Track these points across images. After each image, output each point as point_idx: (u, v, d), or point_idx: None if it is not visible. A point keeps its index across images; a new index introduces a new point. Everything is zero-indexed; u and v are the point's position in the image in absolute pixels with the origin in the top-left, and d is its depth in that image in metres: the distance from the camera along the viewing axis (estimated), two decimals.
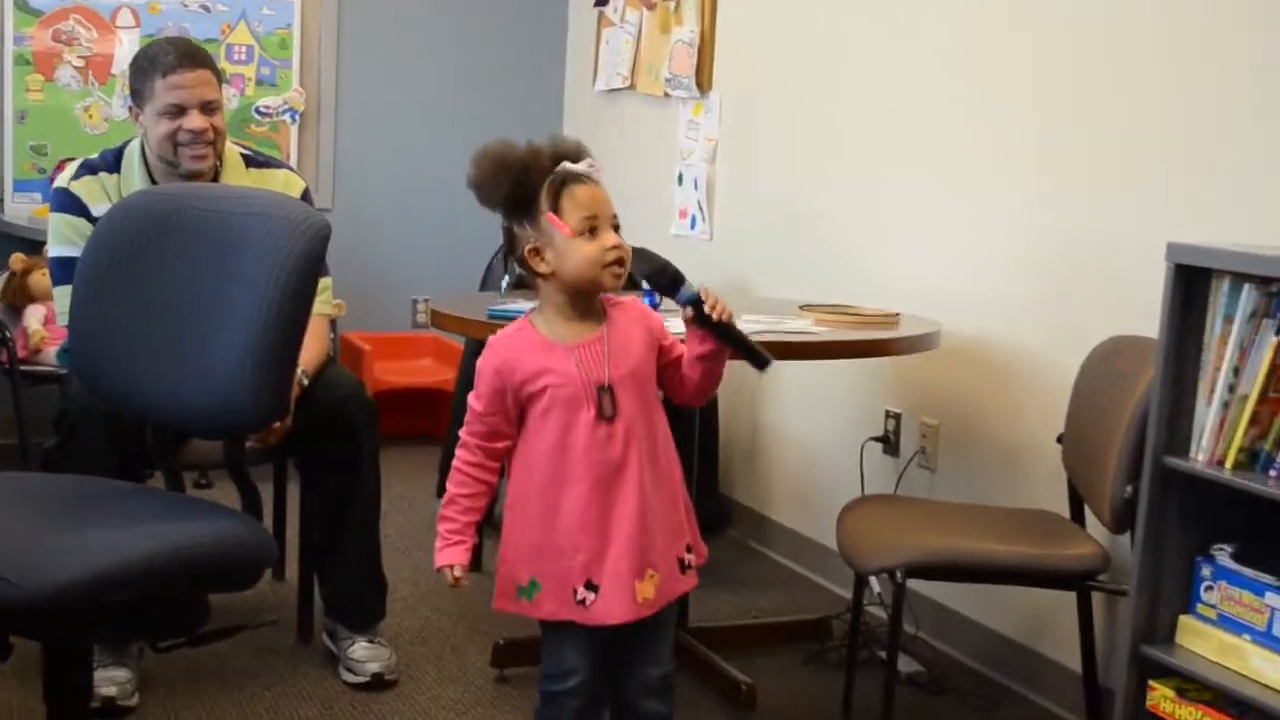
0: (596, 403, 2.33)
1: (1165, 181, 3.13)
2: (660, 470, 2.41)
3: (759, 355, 2.40)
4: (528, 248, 2.34)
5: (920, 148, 3.90)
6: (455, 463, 2.40)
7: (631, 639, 2.44)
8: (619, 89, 5.50)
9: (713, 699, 3.30)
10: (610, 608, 2.34)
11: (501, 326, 3.19)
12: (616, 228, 2.34)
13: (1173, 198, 3.11)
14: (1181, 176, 3.09)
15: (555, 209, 2.31)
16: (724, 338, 2.37)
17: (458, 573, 2.37)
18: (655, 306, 2.71)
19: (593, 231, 2.30)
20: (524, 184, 2.31)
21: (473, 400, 2.39)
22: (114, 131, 5.32)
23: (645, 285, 2.46)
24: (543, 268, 2.34)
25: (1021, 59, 3.54)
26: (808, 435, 4.42)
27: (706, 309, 2.33)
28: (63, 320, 3.12)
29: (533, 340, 2.37)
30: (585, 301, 2.37)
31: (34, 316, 4.61)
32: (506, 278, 2.60)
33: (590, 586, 2.34)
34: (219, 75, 3.33)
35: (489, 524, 4.35)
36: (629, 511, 2.34)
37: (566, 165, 2.33)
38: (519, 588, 2.39)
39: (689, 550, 2.47)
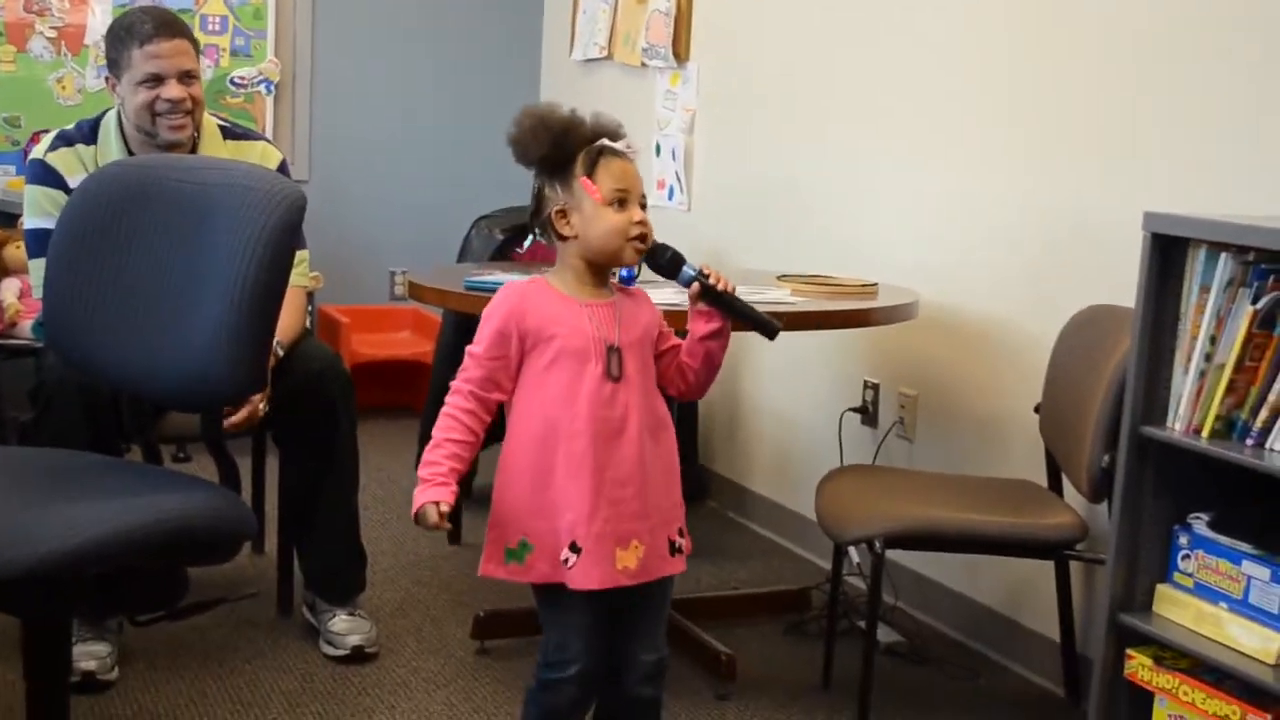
0: (605, 360, 2.34)
1: (1142, 151, 3.13)
2: (660, 448, 2.42)
3: (767, 323, 2.43)
4: (555, 209, 2.36)
5: (898, 118, 3.90)
6: (445, 409, 2.37)
7: (628, 624, 2.44)
8: (596, 59, 5.48)
9: (693, 670, 3.31)
10: (588, 571, 2.33)
11: (478, 298, 3.21)
12: (644, 206, 2.38)
13: (1150, 167, 3.11)
14: (1158, 146, 3.09)
15: (589, 175, 2.34)
16: (730, 310, 2.41)
17: (442, 508, 2.27)
18: (632, 280, 2.71)
19: (621, 204, 2.34)
20: (562, 146, 2.35)
21: (473, 346, 2.38)
22: (88, 102, 5.29)
23: (626, 269, 2.47)
24: (567, 230, 2.36)
25: (998, 30, 3.54)
26: (786, 406, 4.43)
27: (711, 282, 2.38)
28: (38, 293, 3.09)
29: (547, 292, 2.39)
30: (600, 273, 2.40)
31: (9, 289, 4.58)
32: (531, 236, 2.62)
33: (574, 548, 2.34)
34: (196, 45, 3.31)
35: (468, 496, 4.37)
36: (622, 475, 2.34)
37: (605, 141, 2.37)
38: (508, 550, 2.37)
39: (681, 534, 2.47)
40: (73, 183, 3.19)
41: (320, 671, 3.25)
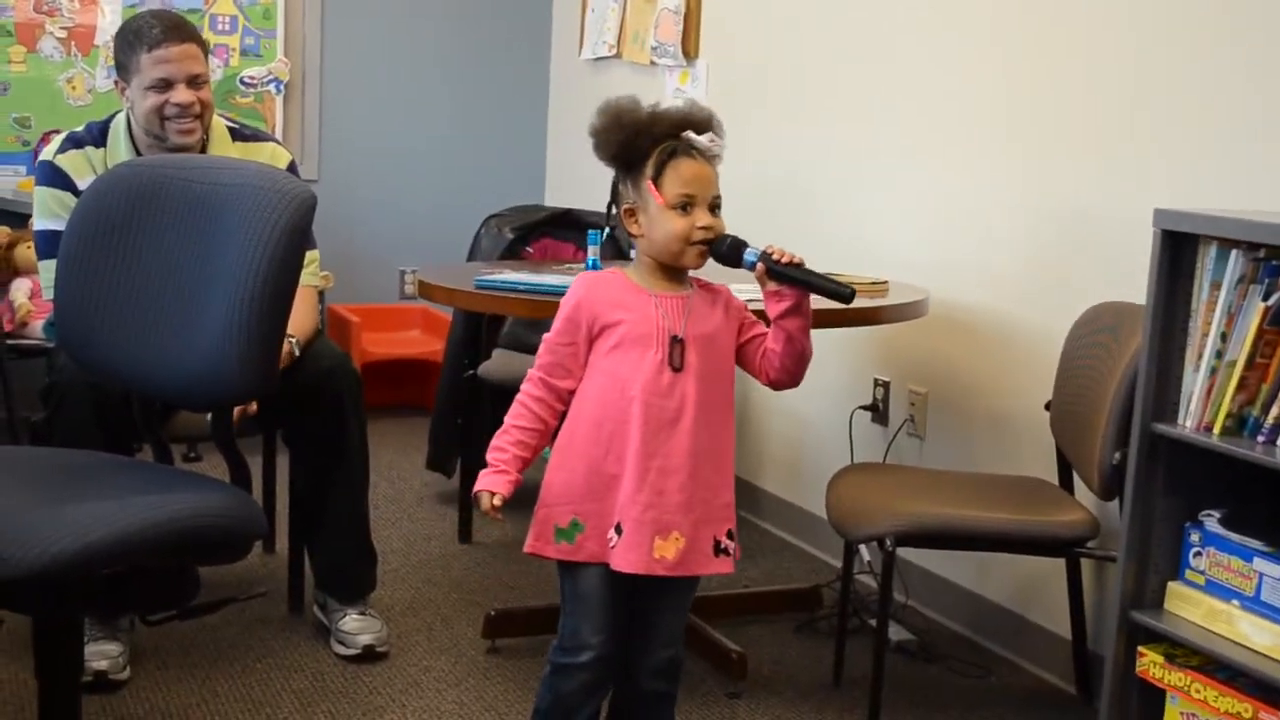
0: (667, 349, 2.35)
1: (1153, 148, 3.13)
2: (716, 444, 2.42)
3: (839, 288, 2.41)
4: (625, 206, 2.39)
5: (908, 115, 3.89)
6: (518, 396, 2.40)
7: (648, 618, 2.45)
8: (605, 57, 5.48)
9: (704, 668, 3.30)
10: (626, 554, 2.35)
11: (488, 297, 3.21)
12: (715, 208, 2.38)
13: (1160, 164, 3.11)
14: (1169, 142, 3.08)
15: (657, 177, 2.34)
16: (801, 283, 2.40)
17: (496, 501, 2.34)
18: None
19: (686, 208, 2.34)
20: (634, 145, 2.36)
21: (547, 334, 2.41)
22: (98, 103, 5.30)
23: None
24: (635, 229, 2.39)
25: (1008, 27, 3.53)
26: (797, 404, 4.43)
27: (775, 258, 2.37)
28: (48, 294, 3.11)
29: (621, 282, 2.41)
30: (672, 270, 2.41)
31: (20, 290, 4.60)
32: (607, 229, 2.63)
33: (618, 529, 2.36)
34: (205, 48, 3.31)
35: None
36: (670, 465, 2.36)
37: (687, 135, 2.37)
38: (558, 530, 2.39)
39: (730, 537, 2.46)
40: (81, 185, 3.20)
41: (331, 670, 3.25)
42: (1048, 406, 3.24)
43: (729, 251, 2.39)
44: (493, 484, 2.35)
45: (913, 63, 3.87)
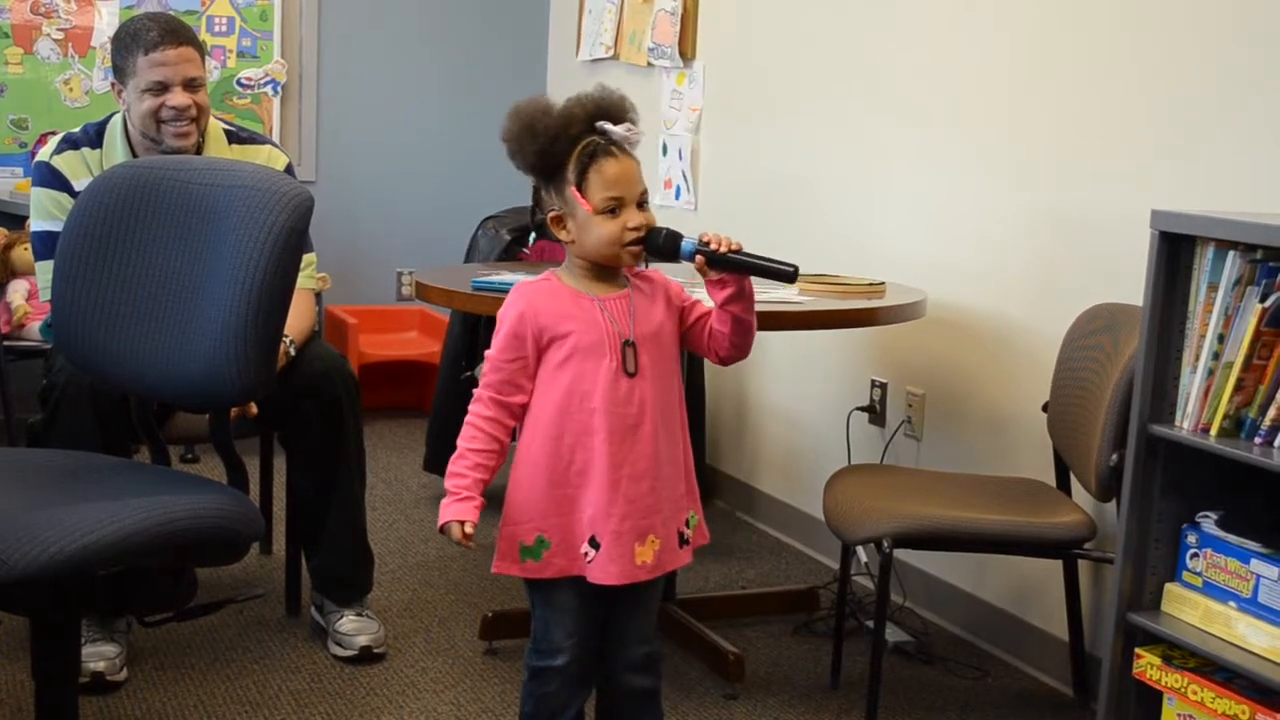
0: (620, 356, 2.32)
1: (1150, 149, 3.13)
2: (673, 439, 2.41)
3: (781, 268, 2.36)
4: (551, 214, 2.34)
5: (905, 116, 3.90)
6: (468, 417, 2.35)
7: (620, 617, 2.44)
8: (602, 58, 5.48)
9: (701, 669, 3.31)
10: (607, 567, 2.33)
11: (485, 298, 3.21)
12: (643, 203, 2.33)
13: (1157, 165, 3.11)
14: (1166, 144, 3.09)
15: (580, 182, 2.29)
16: (742, 268, 2.35)
17: (467, 529, 2.28)
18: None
19: (614, 210, 2.29)
20: (551, 152, 2.30)
21: (490, 351, 2.36)
22: (95, 104, 5.30)
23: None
24: (564, 236, 2.34)
25: (1006, 29, 3.54)
26: (794, 405, 4.43)
27: (713, 248, 2.32)
28: (46, 295, 3.10)
29: (558, 289, 2.36)
30: (608, 270, 2.37)
31: (17, 291, 4.59)
32: (533, 235, 2.58)
33: (593, 543, 2.34)
34: (202, 51, 3.31)
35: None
36: (640, 470, 2.34)
37: (604, 127, 2.31)
38: (523, 548, 2.36)
39: (689, 525, 2.46)
40: (77, 186, 3.20)
41: (328, 672, 3.25)
42: (1045, 408, 3.24)
43: (665, 245, 2.33)
44: (459, 513, 2.29)
45: (910, 64, 3.87)
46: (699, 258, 2.33)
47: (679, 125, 4.97)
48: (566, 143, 2.30)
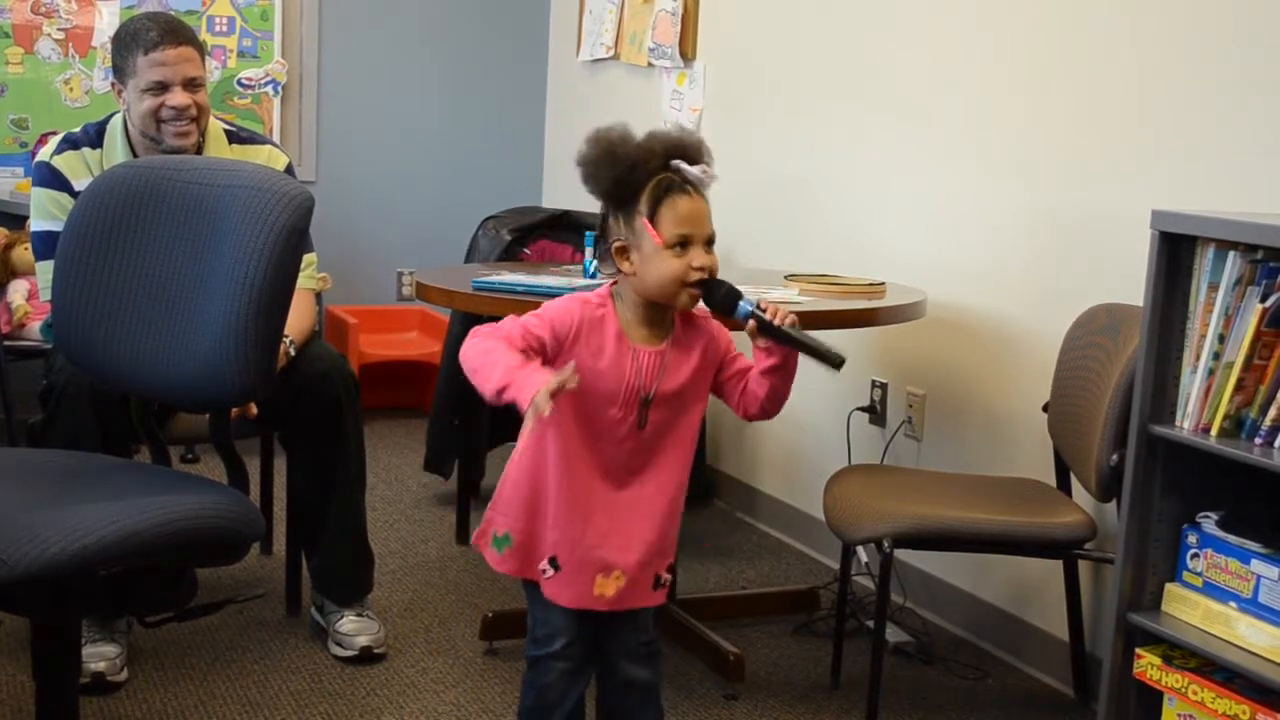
0: (635, 410, 2.32)
1: (1150, 149, 3.13)
2: (670, 493, 2.39)
3: (830, 355, 2.32)
4: (616, 244, 2.31)
5: (905, 117, 3.90)
6: (474, 341, 2.26)
7: (615, 612, 2.44)
8: (603, 59, 5.48)
9: (701, 669, 3.31)
10: (561, 590, 2.35)
11: (485, 298, 3.21)
12: (710, 243, 2.31)
13: (1157, 165, 3.11)
14: (1166, 144, 3.09)
15: (653, 215, 2.27)
16: (791, 343, 2.32)
17: (551, 390, 2.08)
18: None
19: (683, 246, 2.27)
20: (628, 181, 2.28)
21: (525, 318, 2.28)
22: (95, 104, 5.30)
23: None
24: (627, 267, 2.30)
25: (1006, 29, 3.54)
26: (794, 406, 4.38)
27: (768, 318, 2.30)
28: (46, 295, 3.10)
29: (609, 323, 2.32)
30: (659, 310, 2.34)
31: (18, 291, 4.59)
32: (594, 261, 2.53)
33: (553, 563, 2.36)
34: (202, 51, 3.31)
35: (475, 496, 4.36)
36: (622, 515, 2.35)
37: (679, 165, 2.29)
38: (494, 536, 2.41)
39: (670, 571, 2.45)
40: (78, 186, 3.20)
41: (328, 672, 3.25)
42: (1045, 408, 3.24)
43: (723, 301, 2.31)
44: (536, 380, 2.11)
45: (910, 65, 3.87)
46: (751, 323, 2.31)
47: (679, 126, 4.97)
48: (644, 174, 2.28)
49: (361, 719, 3.03)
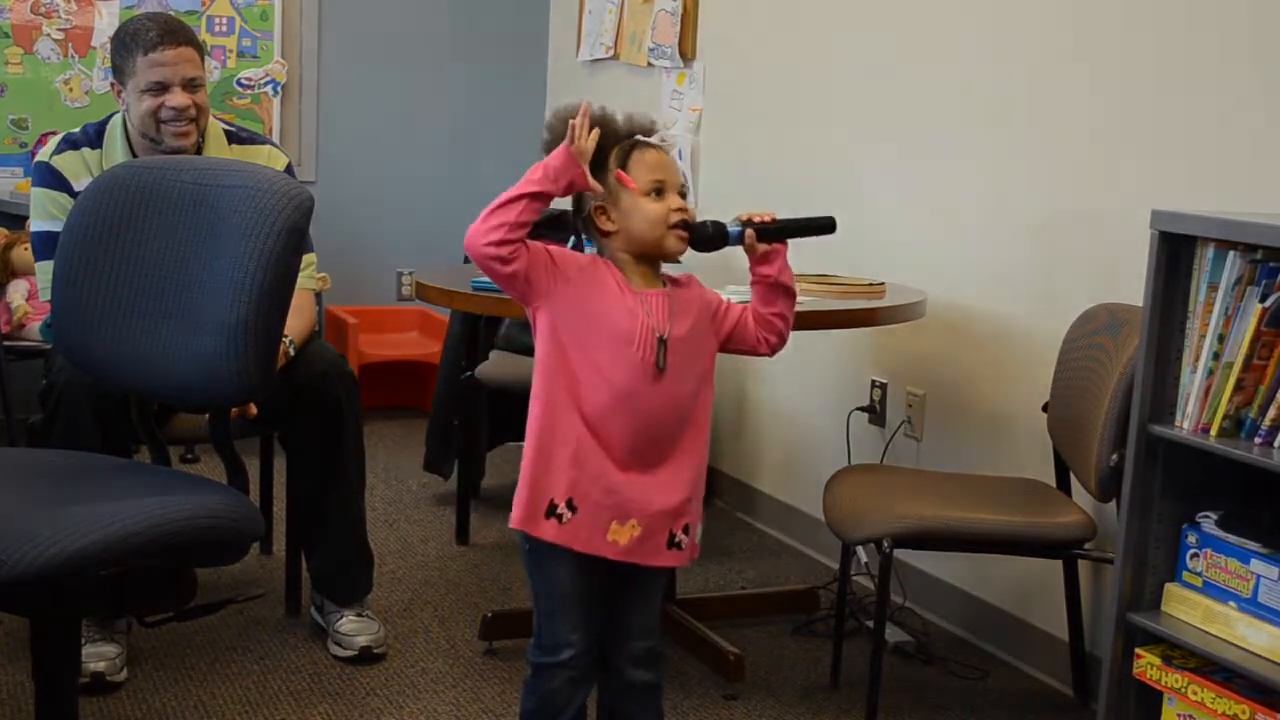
0: (654, 351, 2.34)
1: (1150, 149, 3.13)
2: (687, 441, 2.41)
3: (822, 221, 2.45)
4: (594, 205, 2.36)
5: (905, 116, 3.90)
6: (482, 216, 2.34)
7: (621, 610, 2.45)
8: (602, 59, 5.48)
9: (701, 669, 3.31)
10: (577, 533, 2.34)
11: (485, 298, 3.21)
12: (684, 194, 2.38)
13: (1157, 166, 3.11)
14: (1166, 144, 3.09)
15: (623, 167, 2.34)
16: (787, 232, 2.42)
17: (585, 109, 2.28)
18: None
19: (659, 193, 2.34)
20: (601, 147, 2.33)
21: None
22: (95, 104, 5.30)
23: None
24: (608, 225, 2.37)
25: (1006, 29, 3.54)
26: (794, 406, 4.43)
27: (757, 222, 2.39)
28: (46, 295, 3.10)
29: (608, 271, 2.37)
30: (649, 264, 2.39)
31: (17, 292, 4.59)
32: (573, 238, 2.60)
33: (570, 505, 2.34)
34: (201, 51, 3.31)
35: (476, 496, 4.36)
36: (641, 459, 2.35)
37: (639, 137, 2.38)
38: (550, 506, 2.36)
39: (685, 532, 2.45)
40: (77, 186, 3.20)
41: (328, 672, 3.25)
42: (1045, 408, 3.24)
43: (715, 233, 2.38)
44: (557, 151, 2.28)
45: (910, 64, 3.87)
46: (748, 233, 2.38)
47: (679, 125, 4.97)
48: (609, 135, 2.35)
49: (361, 719, 3.03)
